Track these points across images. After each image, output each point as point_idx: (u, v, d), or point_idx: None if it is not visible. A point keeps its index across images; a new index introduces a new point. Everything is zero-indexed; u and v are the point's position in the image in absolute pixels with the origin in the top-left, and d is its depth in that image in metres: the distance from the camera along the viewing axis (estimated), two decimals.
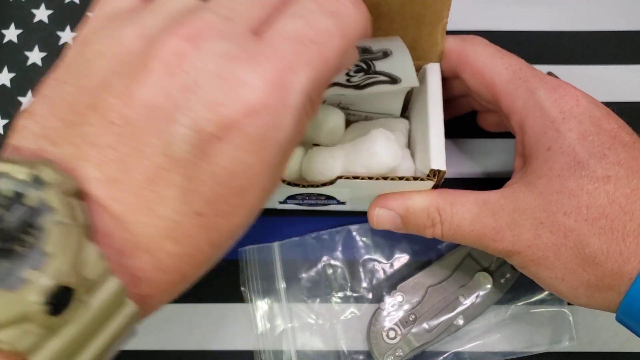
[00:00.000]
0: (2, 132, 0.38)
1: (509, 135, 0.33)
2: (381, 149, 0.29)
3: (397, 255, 0.35)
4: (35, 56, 0.39)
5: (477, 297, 0.33)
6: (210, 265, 0.21)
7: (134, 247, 0.18)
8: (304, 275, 0.34)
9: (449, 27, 0.28)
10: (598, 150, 0.25)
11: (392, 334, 0.32)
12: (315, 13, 0.20)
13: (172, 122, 0.18)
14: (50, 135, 0.18)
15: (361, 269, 0.34)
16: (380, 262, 0.35)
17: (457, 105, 0.35)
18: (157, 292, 0.19)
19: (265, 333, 0.33)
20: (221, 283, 0.34)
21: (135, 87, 0.18)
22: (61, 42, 0.40)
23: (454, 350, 0.33)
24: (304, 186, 0.29)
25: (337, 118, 0.32)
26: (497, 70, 0.28)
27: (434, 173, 0.27)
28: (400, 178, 0.27)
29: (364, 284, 0.34)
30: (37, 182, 0.16)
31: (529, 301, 0.34)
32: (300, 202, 0.33)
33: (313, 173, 0.30)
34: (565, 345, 0.33)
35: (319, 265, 0.34)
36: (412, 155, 0.31)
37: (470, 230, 0.27)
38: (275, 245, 0.35)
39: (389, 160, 0.29)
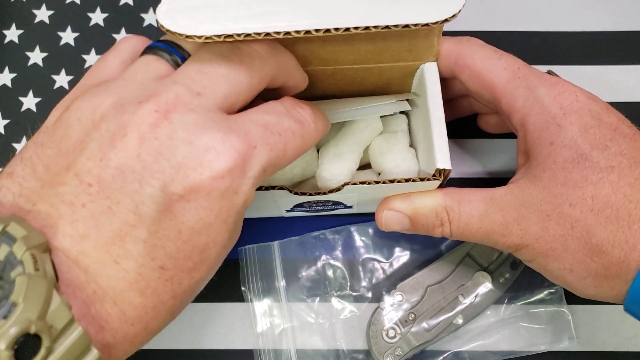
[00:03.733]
0: (2, 132, 0.38)
1: (509, 135, 0.33)
2: (404, 163, 0.30)
3: (396, 255, 0.35)
4: (36, 56, 0.39)
5: (476, 296, 0.33)
6: (171, 319, 0.22)
7: (100, 298, 0.19)
8: (303, 274, 0.34)
9: (448, 28, 0.28)
10: (600, 142, 0.25)
11: (391, 333, 0.32)
12: (284, 115, 0.24)
13: (143, 184, 0.19)
14: (27, 195, 0.20)
15: (361, 269, 0.35)
16: (379, 262, 0.35)
17: (457, 107, 0.35)
18: (121, 342, 0.20)
19: (265, 332, 0.33)
20: (221, 282, 0.35)
21: (110, 151, 0.20)
22: (62, 42, 0.40)
23: (454, 350, 0.33)
24: (311, 194, 0.29)
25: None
26: (496, 71, 0.28)
27: (440, 172, 0.27)
28: (407, 180, 0.27)
29: (364, 283, 0.34)
30: (7, 237, 0.18)
31: (528, 301, 0.34)
32: (308, 209, 0.33)
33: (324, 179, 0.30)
34: (564, 345, 0.33)
35: (319, 265, 0.35)
36: (415, 155, 0.31)
37: (478, 227, 0.27)
38: (275, 244, 0.35)
39: (409, 163, 0.30)
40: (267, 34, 0.23)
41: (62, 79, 0.39)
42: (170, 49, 0.24)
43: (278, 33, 0.23)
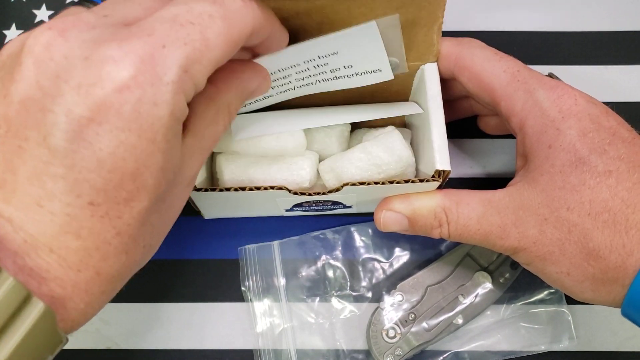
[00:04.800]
0: None
1: (509, 136, 0.33)
2: (401, 146, 0.29)
3: (396, 255, 0.35)
4: None
5: (476, 296, 0.33)
6: (132, 261, 0.20)
7: (33, 247, 0.18)
8: (303, 274, 0.34)
9: (449, 28, 0.28)
10: (598, 146, 0.25)
11: (391, 333, 0.32)
12: (196, 1, 0.20)
13: (47, 112, 0.18)
14: None
15: (361, 268, 0.35)
16: (379, 262, 0.35)
17: (457, 108, 0.35)
18: (74, 292, 0.18)
19: (265, 332, 0.33)
20: (221, 282, 0.35)
21: (11, 85, 0.18)
22: None
23: (454, 350, 0.33)
24: (310, 194, 0.29)
25: (343, 126, 0.32)
26: (496, 74, 0.28)
27: (439, 173, 0.27)
28: (406, 181, 0.27)
29: (364, 283, 0.34)
30: None
31: (528, 301, 0.34)
32: (307, 209, 0.33)
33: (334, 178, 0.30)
34: (564, 345, 0.33)
35: (319, 265, 0.35)
36: (415, 156, 0.31)
37: (476, 229, 0.27)
38: (275, 244, 0.35)
39: (409, 154, 0.29)
40: None
41: None
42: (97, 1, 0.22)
43: None
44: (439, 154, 0.27)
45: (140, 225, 0.20)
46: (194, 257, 0.35)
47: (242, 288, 0.34)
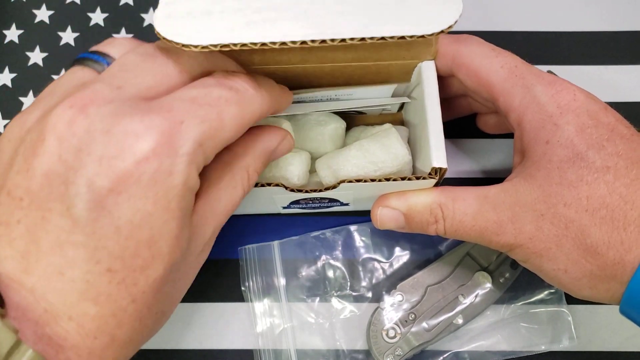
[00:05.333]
0: (3, 132, 0.38)
1: (507, 135, 0.33)
2: (398, 144, 0.29)
3: (396, 255, 0.35)
4: (36, 56, 0.39)
5: (476, 296, 0.33)
6: (146, 327, 0.21)
7: (53, 316, 0.18)
8: (303, 274, 0.34)
9: None
10: (596, 142, 0.25)
11: (391, 333, 0.32)
12: (213, 85, 0.22)
13: (70, 184, 0.18)
14: None
15: (361, 268, 0.35)
16: (379, 262, 0.35)
17: (456, 107, 0.35)
18: (90, 359, 0.19)
19: (265, 332, 0.33)
20: (221, 282, 0.35)
21: (34, 159, 0.19)
22: (62, 42, 0.40)
23: (454, 350, 0.33)
24: (307, 191, 0.29)
25: (337, 124, 0.32)
26: (494, 70, 0.28)
27: (436, 171, 0.27)
28: (403, 178, 0.28)
29: (364, 283, 0.34)
30: None
31: (528, 301, 0.34)
32: (304, 206, 0.33)
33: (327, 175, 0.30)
34: (564, 345, 0.33)
35: (319, 265, 0.35)
36: (412, 153, 0.31)
37: (472, 226, 0.27)
38: (275, 244, 0.35)
39: (405, 152, 0.29)
40: (263, 44, 0.23)
41: None
42: (96, 57, 0.23)
43: (274, 43, 0.23)
44: (436, 151, 0.27)
45: (155, 293, 0.20)
46: None
47: (242, 288, 0.34)
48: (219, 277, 0.35)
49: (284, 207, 0.33)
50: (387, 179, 0.28)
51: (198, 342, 0.34)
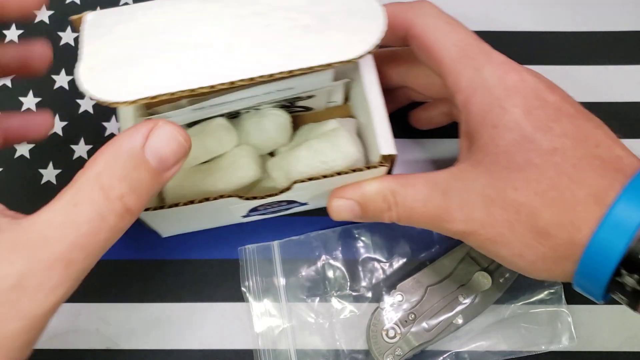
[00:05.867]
0: None
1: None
2: (346, 143, 0.29)
3: (396, 255, 0.35)
4: None
5: (476, 296, 0.33)
6: None
7: None
8: (303, 274, 0.34)
9: None
10: (543, 123, 0.25)
11: (391, 333, 0.32)
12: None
13: None
14: None
15: (360, 268, 0.35)
16: (379, 262, 0.35)
17: (396, 97, 0.35)
18: None
19: (264, 332, 0.33)
20: (221, 282, 0.35)
21: None
22: (62, 42, 0.40)
23: (454, 350, 0.33)
24: (262, 197, 0.29)
25: (278, 112, 0.31)
26: (446, 47, 0.27)
27: (385, 158, 0.27)
28: (354, 170, 0.28)
29: (364, 283, 0.34)
30: None
31: (528, 301, 0.34)
32: (263, 212, 0.33)
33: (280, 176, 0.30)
34: (564, 345, 0.33)
35: (319, 265, 0.35)
36: (363, 145, 0.31)
37: (422, 212, 0.27)
38: (275, 244, 0.35)
39: (354, 150, 0.29)
40: (192, 90, 0.22)
41: (62, 79, 0.39)
42: None
43: (203, 88, 0.22)
44: (382, 138, 0.27)
45: None
46: (193, 257, 0.35)
47: (242, 288, 0.34)
48: (219, 277, 0.35)
49: (244, 216, 0.33)
50: (339, 173, 0.28)
51: (198, 342, 0.34)
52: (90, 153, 0.37)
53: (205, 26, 0.24)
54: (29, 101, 0.38)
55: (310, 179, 0.28)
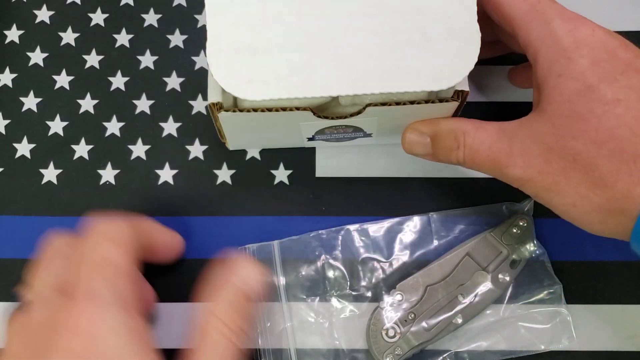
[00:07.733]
0: (3, 132, 0.38)
1: None
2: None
3: (396, 254, 0.35)
4: (37, 57, 0.40)
5: (475, 296, 0.33)
6: None
7: None
8: (303, 273, 0.34)
9: None
10: (609, 75, 0.25)
11: (391, 332, 0.32)
12: None
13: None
14: None
15: (360, 268, 0.35)
16: (379, 261, 0.35)
17: (492, 48, 0.35)
18: None
19: (264, 332, 0.33)
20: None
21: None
22: (63, 42, 0.40)
23: (453, 350, 0.33)
24: (332, 118, 0.30)
25: None
26: (516, 4, 0.28)
27: (458, 94, 0.28)
28: (427, 101, 0.28)
29: (363, 283, 0.34)
30: None
31: (528, 301, 0.34)
32: (329, 136, 0.34)
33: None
34: (564, 345, 0.33)
35: (319, 264, 0.35)
36: None
37: (487, 155, 0.28)
38: (275, 243, 0.35)
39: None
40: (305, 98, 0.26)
41: (63, 79, 0.39)
42: None
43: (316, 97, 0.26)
44: None
45: None
46: (193, 257, 0.35)
47: None
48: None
49: (309, 139, 0.34)
50: (412, 102, 0.28)
51: None
52: (91, 153, 0.37)
53: (316, 20, 0.27)
54: (30, 101, 0.39)
55: (383, 104, 0.29)
